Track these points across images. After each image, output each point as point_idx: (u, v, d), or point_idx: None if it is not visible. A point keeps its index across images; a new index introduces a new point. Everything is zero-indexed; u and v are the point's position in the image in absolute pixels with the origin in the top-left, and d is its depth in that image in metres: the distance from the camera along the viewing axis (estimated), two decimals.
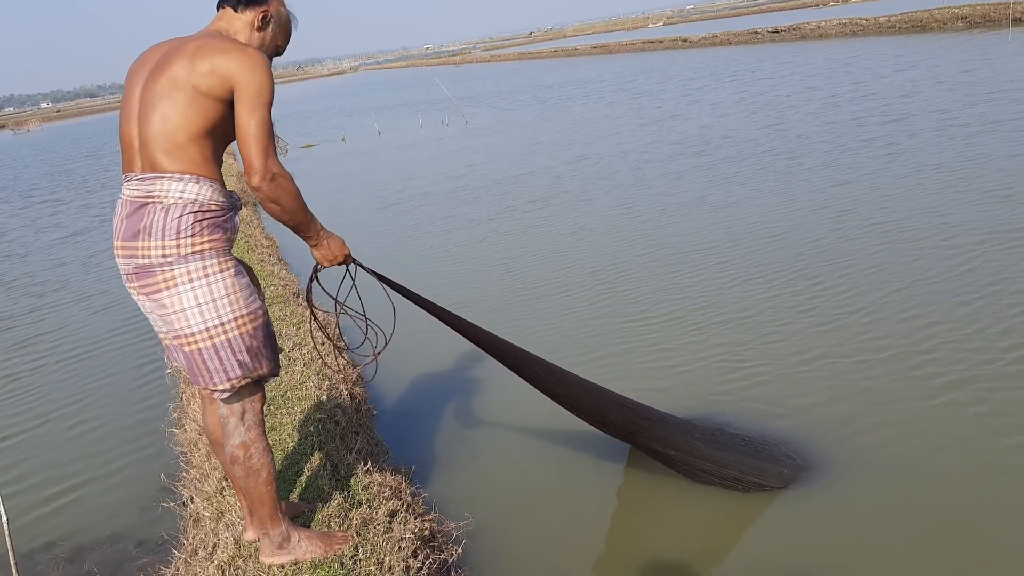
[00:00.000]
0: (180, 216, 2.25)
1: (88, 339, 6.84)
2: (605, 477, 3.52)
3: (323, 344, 4.57)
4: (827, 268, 5.48)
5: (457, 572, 2.94)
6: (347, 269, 2.69)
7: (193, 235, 2.27)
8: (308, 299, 2.88)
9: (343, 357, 4.56)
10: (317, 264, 2.60)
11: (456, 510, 3.37)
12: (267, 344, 2.44)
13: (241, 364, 2.37)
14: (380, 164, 15.41)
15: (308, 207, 2.39)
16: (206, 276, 2.30)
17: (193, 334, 2.33)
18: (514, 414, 4.08)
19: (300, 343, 4.60)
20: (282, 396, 3.98)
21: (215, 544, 2.91)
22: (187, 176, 2.26)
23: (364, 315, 2.83)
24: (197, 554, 2.99)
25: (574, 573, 3.02)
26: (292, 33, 2.58)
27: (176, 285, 2.29)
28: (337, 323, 3.08)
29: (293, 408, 3.85)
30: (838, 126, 10.70)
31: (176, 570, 3.03)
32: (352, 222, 10.19)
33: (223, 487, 3.29)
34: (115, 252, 2.35)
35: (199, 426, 4.04)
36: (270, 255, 7.63)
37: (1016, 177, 6.89)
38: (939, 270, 5.13)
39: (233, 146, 2.78)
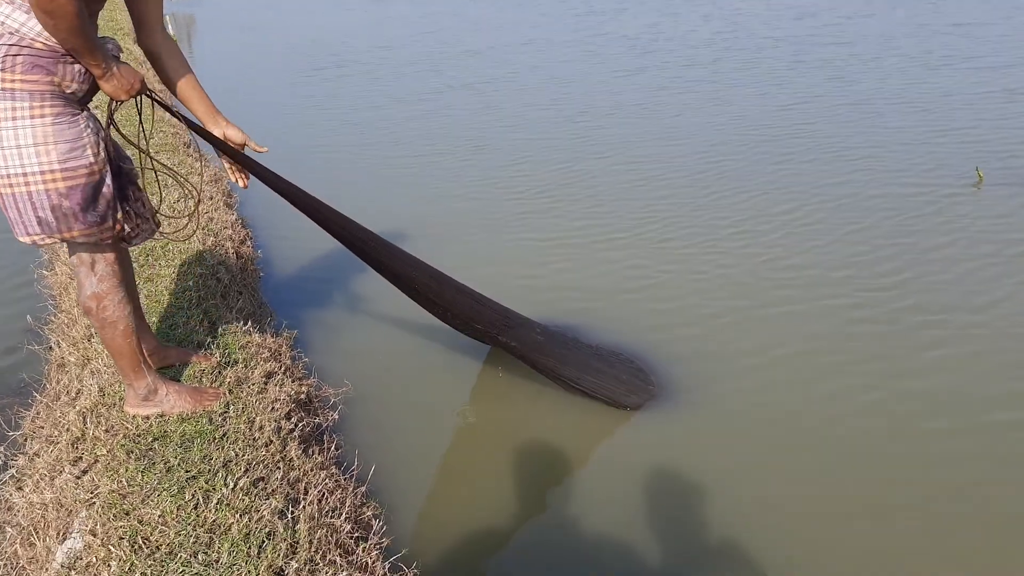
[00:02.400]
0: None
1: None
2: (481, 364, 3.59)
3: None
4: (751, 194, 5.50)
5: (331, 437, 2.96)
6: (137, 103, 2.33)
7: (3, 70, 2.02)
8: (106, 147, 2.23)
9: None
10: (112, 101, 2.24)
11: (336, 378, 3.37)
12: (86, 208, 2.18)
13: (41, 222, 2.15)
14: (294, 23, 14.47)
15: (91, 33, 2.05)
16: (13, 119, 2.06)
17: None
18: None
19: (184, 196, 4.35)
20: (162, 247, 3.79)
21: (79, 390, 2.82)
22: (16, 3, 2.00)
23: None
24: (59, 399, 2.89)
25: (437, 447, 3.15)
26: None
27: None
28: (155, 175, 2.59)
29: (173, 260, 3.68)
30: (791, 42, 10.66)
31: (36, 413, 2.93)
32: (265, 86, 9.63)
33: (91, 333, 3.16)
34: None
35: (71, 269, 3.83)
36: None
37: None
38: (839, 212, 5.30)
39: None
